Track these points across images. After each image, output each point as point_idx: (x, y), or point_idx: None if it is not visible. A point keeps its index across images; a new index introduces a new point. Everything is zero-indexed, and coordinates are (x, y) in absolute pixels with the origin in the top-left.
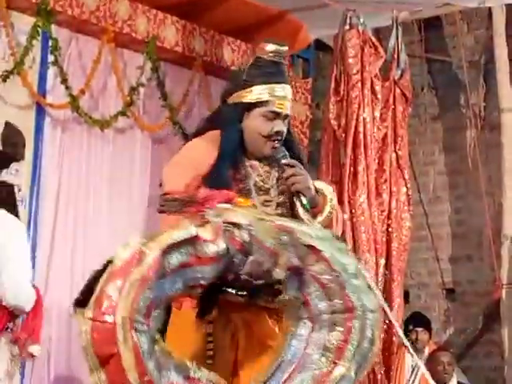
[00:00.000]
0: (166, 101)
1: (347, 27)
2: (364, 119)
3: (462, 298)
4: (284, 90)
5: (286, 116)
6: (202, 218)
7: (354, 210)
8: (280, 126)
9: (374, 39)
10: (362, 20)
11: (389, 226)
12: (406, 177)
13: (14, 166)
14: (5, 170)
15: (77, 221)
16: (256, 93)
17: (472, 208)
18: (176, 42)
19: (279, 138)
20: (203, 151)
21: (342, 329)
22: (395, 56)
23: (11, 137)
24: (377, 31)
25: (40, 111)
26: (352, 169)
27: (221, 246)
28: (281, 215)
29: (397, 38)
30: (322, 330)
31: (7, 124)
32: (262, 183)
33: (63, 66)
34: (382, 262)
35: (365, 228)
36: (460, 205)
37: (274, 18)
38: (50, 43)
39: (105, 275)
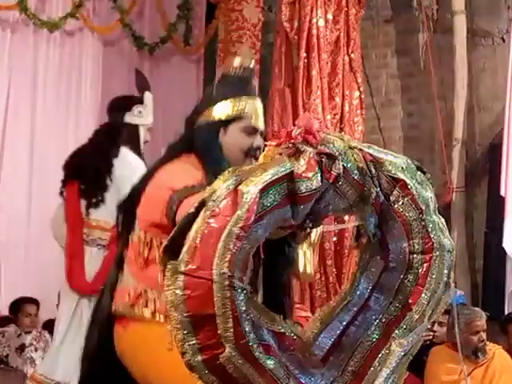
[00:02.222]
0: (116, 2)
1: None
2: (317, 22)
3: None
4: (257, 104)
5: (262, 132)
6: (294, 147)
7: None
8: (259, 142)
9: None
10: None
11: (341, 129)
12: (359, 80)
13: None
14: None
15: (26, 121)
16: (230, 108)
17: (424, 112)
18: None
19: (258, 153)
20: (191, 173)
21: (418, 271)
22: None
23: None
24: None
25: None
26: (305, 72)
27: (316, 183)
28: None
29: None
30: (397, 270)
31: None
32: None
33: None
34: None
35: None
36: (412, 108)
37: None
38: None
39: (198, 220)
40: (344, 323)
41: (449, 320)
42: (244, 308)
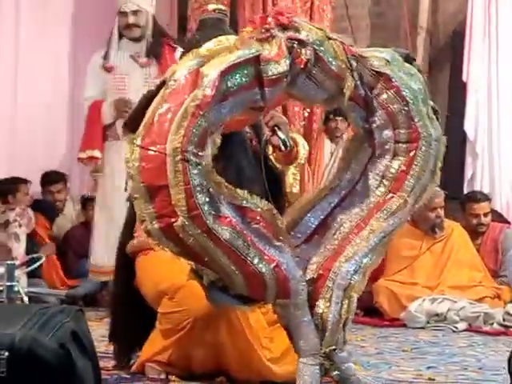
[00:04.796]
0: None
1: None
2: None
3: None
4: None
5: None
6: (267, 31)
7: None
8: None
9: None
10: None
11: (310, 17)
12: None
13: None
14: None
15: None
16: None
17: (391, 1)
18: None
19: None
20: None
21: (403, 159)
22: None
23: None
24: None
25: None
26: None
27: (284, 66)
28: None
29: None
30: (383, 157)
31: None
32: None
33: None
34: None
35: None
36: None
37: None
38: None
39: (157, 98)
40: (332, 205)
41: None
42: (197, 181)
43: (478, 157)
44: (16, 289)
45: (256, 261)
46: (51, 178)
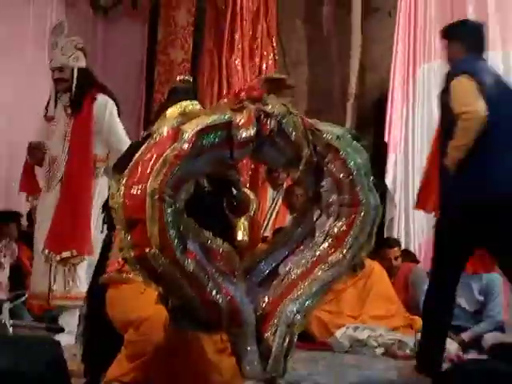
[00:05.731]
0: None
1: None
2: None
3: None
4: (197, 105)
5: None
6: (240, 103)
7: (229, 71)
8: None
9: None
10: None
11: None
12: (274, 44)
13: None
14: None
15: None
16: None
17: (325, 71)
18: None
19: None
20: None
21: (345, 220)
22: None
23: None
24: None
25: None
26: (229, 37)
27: (252, 132)
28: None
29: None
30: (329, 218)
31: None
32: None
33: None
34: None
35: (239, 86)
36: (316, 68)
37: None
38: None
39: (143, 147)
40: (283, 255)
41: None
42: (171, 218)
43: (396, 207)
44: (3, 321)
45: (214, 292)
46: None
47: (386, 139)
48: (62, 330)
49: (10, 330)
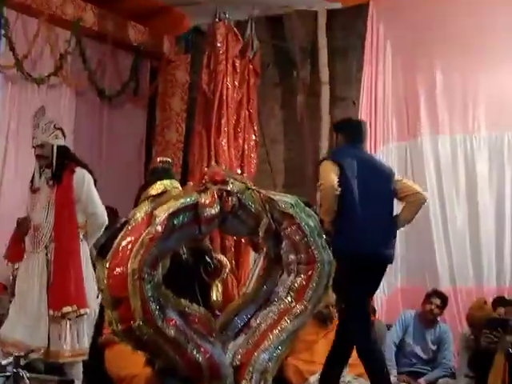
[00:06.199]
0: (85, 65)
1: (217, 19)
2: (227, 86)
3: None
4: (175, 184)
5: None
6: (204, 185)
7: (217, 150)
8: None
9: (235, 29)
10: (227, 15)
11: (242, 162)
12: (255, 127)
13: None
14: None
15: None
16: (161, 189)
17: (299, 149)
18: (93, 22)
19: None
20: None
21: (304, 276)
22: (250, 42)
23: None
24: (238, 23)
25: None
26: (217, 121)
27: (216, 209)
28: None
29: (251, 29)
30: (290, 275)
31: None
32: None
33: (12, 38)
34: None
35: (224, 163)
36: (291, 147)
37: (163, 9)
38: (2, 21)
39: (122, 233)
40: (253, 310)
41: None
42: (150, 293)
43: None
44: (21, 375)
45: (194, 352)
46: None
47: None
48: (72, 382)
49: (27, 382)
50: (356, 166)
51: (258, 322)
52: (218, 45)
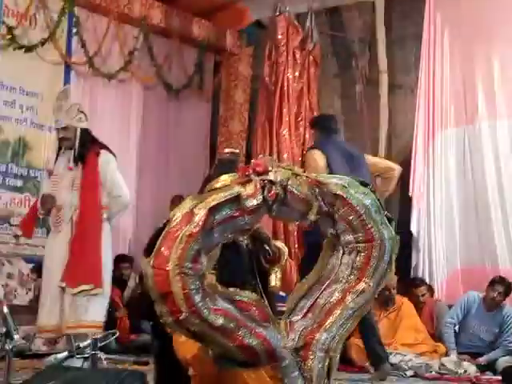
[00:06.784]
0: (153, 60)
1: (277, 13)
2: (288, 77)
3: None
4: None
5: None
6: (246, 176)
7: (278, 140)
8: None
9: (295, 22)
10: (287, 8)
11: (303, 150)
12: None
13: None
14: None
15: None
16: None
17: (359, 138)
18: (160, 19)
19: None
20: None
21: (364, 254)
22: (309, 34)
23: None
24: (297, 16)
25: (67, 67)
26: (279, 112)
27: (259, 200)
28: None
29: (311, 22)
30: (351, 254)
31: None
32: None
33: (83, 36)
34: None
35: (287, 151)
36: (351, 135)
37: (226, 4)
38: (74, 19)
39: (164, 232)
40: (319, 290)
41: None
42: (193, 286)
43: (420, 250)
44: (99, 356)
45: (247, 337)
46: (120, 259)
47: (410, 193)
48: (146, 363)
49: (105, 363)
50: (340, 155)
51: (323, 301)
52: (279, 37)
